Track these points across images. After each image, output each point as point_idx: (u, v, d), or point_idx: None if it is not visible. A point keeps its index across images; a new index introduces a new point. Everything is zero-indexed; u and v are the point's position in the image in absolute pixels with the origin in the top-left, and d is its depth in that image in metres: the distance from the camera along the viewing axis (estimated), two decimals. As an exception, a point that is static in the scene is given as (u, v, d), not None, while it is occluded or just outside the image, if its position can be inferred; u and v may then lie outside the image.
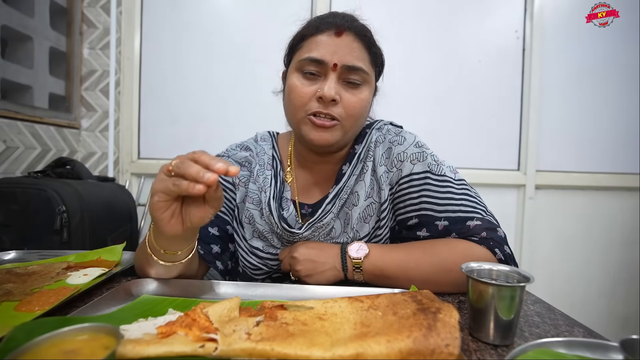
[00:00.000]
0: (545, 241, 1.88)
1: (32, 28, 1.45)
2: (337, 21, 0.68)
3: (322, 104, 0.67)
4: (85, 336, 0.36)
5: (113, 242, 1.27)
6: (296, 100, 0.69)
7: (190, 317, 0.43)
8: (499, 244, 0.64)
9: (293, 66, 0.71)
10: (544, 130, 1.83)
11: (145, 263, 0.61)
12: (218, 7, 1.81)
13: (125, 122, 1.81)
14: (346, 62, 0.67)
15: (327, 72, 0.67)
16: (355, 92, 0.69)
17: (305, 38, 0.70)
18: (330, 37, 0.67)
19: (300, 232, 0.71)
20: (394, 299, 0.49)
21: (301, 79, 0.69)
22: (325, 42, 0.67)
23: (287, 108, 0.73)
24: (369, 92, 0.71)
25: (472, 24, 1.82)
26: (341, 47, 0.67)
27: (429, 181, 0.69)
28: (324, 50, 0.67)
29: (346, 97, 0.68)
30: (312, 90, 0.68)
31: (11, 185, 1.13)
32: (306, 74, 0.69)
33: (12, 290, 0.57)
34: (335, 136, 0.69)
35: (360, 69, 0.68)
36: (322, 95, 0.66)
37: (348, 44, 0.67)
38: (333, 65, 0.66)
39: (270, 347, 0.37)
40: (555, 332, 0.49)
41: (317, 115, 0.68)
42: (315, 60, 0.67)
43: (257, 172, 0.77)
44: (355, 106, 0.68)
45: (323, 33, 0.68)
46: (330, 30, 0.68)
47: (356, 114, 0.69)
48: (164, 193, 0.50)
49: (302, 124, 0.70)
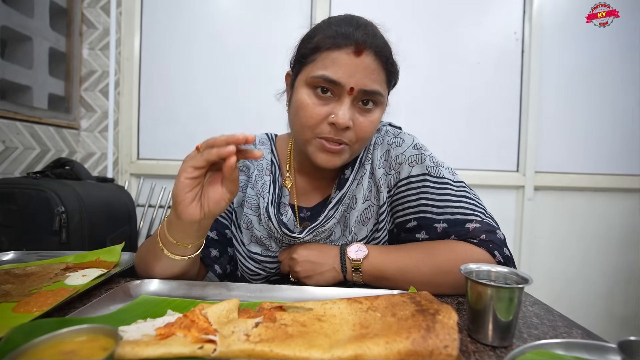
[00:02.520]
0: (544, 242, 1.88)
1: (32, 28, 1.45)
2: (357, 36, 0.62)
3: (334, 130, 0.64)
4: (84, 337, 0.36)
5: (112, 242, 1.26)
6: (306, 119, 0.65)
7: (189, 318, 0.43)
8: (498, 246, 0.64)
9: (303, 79, 0.66)
10: (543, 131, 1.84)
11: (152, 257, 0.61)
12: (218, 8, 1.82)
13: (125, 123, 1.81)
14: (364, 87, 0.63)
15: (342, 94, 0.63)
16: (369, 115, 0.66)
17: (319, 50, 0.64)
18: (349, 56, 0.62)
19: (301, 236, 0.70)
20: (393, 300, 0.49)
21: (312, 97, 0.64)
22: (343, 61, 0.62)
23: (294, 122, 0.69)
24: (380, 112, 0.68)
25: (471, 26, 1.82)
26: (359, 69, 0.62)
27: (428, 183, 0.69)
28: (341, 72, 0.62)
29: (359, 121, 0.65)
30: (324, 112, 0.64)
31: (10, 185, 1.13)
32: (317, 91, 0.64)
33: (11, 291, 0.56)
34: (343, 159, 0.68)
35: (376, 93, 0.64)
36: (335, 122, 0.63)
37: (367, 65, 0.62)
38: (350, 89, 0.62)
39: (269, 348, 0.37)
40: (553, 334, 0.49)
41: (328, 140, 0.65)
42: (330, 80, 0.62)
43: (256, 177, 0.76)
44: (367, 130, 0.66)
45: (341, 50, 0.62)
46: (349, 47, 0.62)
47: (367, 137, 0.67)
48: (193, 167, 0.52)
49: (309, 145, 0.67)
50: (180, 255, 0.60)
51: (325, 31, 0.65)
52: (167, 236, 0.58)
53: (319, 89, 0.64)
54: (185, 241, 0.58)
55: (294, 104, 0.67)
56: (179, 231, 0.58)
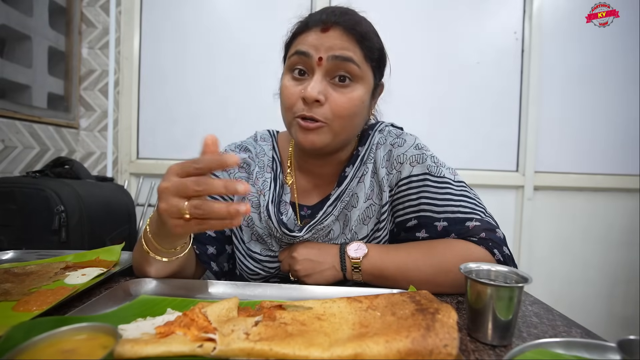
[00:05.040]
0: (543, 242, 1.88)
1: (31, 27, 1.45)
2: (324, 17, 0.65)
3: (307, 106, 0.64)
4: (84, 336, 0.36)
5: (112, 242, 1.26)
6: (284, 101, 0.67)
7: (188, 317, 0.43)
8: (498, 245, 0.64)
9: (285, 67, 0.70)
10: (542, 131, 1.84)
11: (144, 262, 0.61)
12: (217, 7, 1.82)
13: (124, 122, 1.81)
14: (332, 53, 0.63)
15: (314, 67, 0.64)
16: (345, 90, 0.65)
17: (295, 37, 0.68)
18: (317, 32, 0.64)
19: (300, 234, 0.70)
20: (393, 299, 0.49)
21: (290, 80, 0.67)
22: (311, 37, 0.65)
23: (281, 110, 0.71)
24: (362, 90, 0.66)
25: (471, 25, 1.82)
26: (328, 40, 0.64)
27: (428, 183, 0.69)
28: (308, 45, 0.64)
29: (334, 96, 0.64)
30: (299, 90, 0.65)
31: (9, 184, 1.13)
32: (294, 73, 0.66)
33: (10, 290, 0.56)
34: (324, 139, 0.66)
35: (349, 59, 0.63)
36: (304, 96, 0.63)
37: (336, 37, 0.64)
38: (318, 59, 0.63)
39: (268, 347, 0.37)
40: (553, 333, 0.49)
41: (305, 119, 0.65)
42: (299, 52, 0.64)
43: (257, 174, 0.76)
44: (344, 106, 0.64)
45: (310, 30, 0.66)
46: (317, 26, 0.65)
47: (345, 115, 0.65)
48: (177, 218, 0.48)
49: (292, 127, 0.68)
50: (169, 257, 0.58)
51: (301, 21, 0.69)
52: (153, 244, 0.56)
53: (295, 71, 0.67)
54: (173, 246, 0.57)
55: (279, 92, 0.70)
56: (166, 242, 0.56)
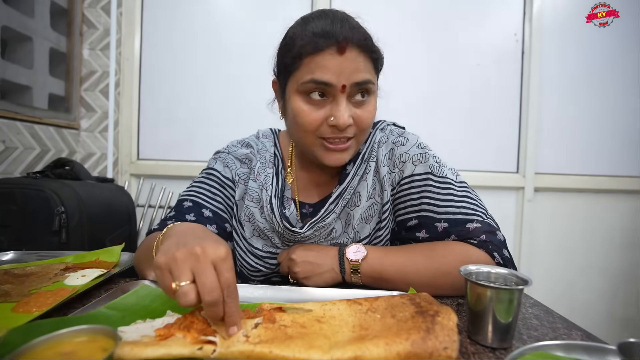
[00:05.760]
0: (544, 244, 1.88)
1: (32, 28, 1.45)
2: (337, 34, 0.61)
3: (335, 130, 0.65)
4: (83, 338, 0.36)
5: (112, 243, 1.26)
6: (305, 126, 0.65)
7: (188, 319, 0.43)
8: (497, 248, 0.64)
9: (293, 88, 0.65)
10: (543, 132, 1.84)
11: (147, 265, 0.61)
12: (218, 8, 1.82)
13: (125, 123, 1.81)
14: (354, 80, 0.63)
15: (336, 94, 0.63)
16: (365, 105, 0.66)
17: (303, 56, 0.63)
18: (333, 56, 0.61)
19: (301, 231, 0.70)
20: (393, 301, 0.49)
21: (307, 104, 0.65)
22: (328, 62, 0.61)
23: (295, 130, 0.69)
24: (374, 99, 0.69)
25: (471, 27, 1.82)
26: (346, 65, 0.62)
27: (430, 182, 0.69)
28: (329, 73, 0.61)
29: (358, 114, 0.65)
30: (322, 115, 0.64)
31: (10, 185, 1.13)
32: (311, 97, 0.64)
33: (10, 291, 0.56)
34: (351, 153, 0.69)
35: (368, 82, 0.65)
36: (336, 125, 0.63)
37: (353, 59, 0.62)
38: (342, 87, 0.62)
39: (268, 349, 0.37)
40: (553, 335, 0.49)
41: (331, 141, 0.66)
42: (320, 82, 0.62)
43: (258, 169, 0.77)
44: (367, 121, 0.67)
45: (324, 52, 0.61)
46: (331, 47, 0.61)
47: (367, 126, 0.68)
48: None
49: (314, 147, 0.68)
50: None
51: (303, 35, 0.63)
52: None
53: (311, 93, 0.64)
54: None
55: (291, 113, 0.67)
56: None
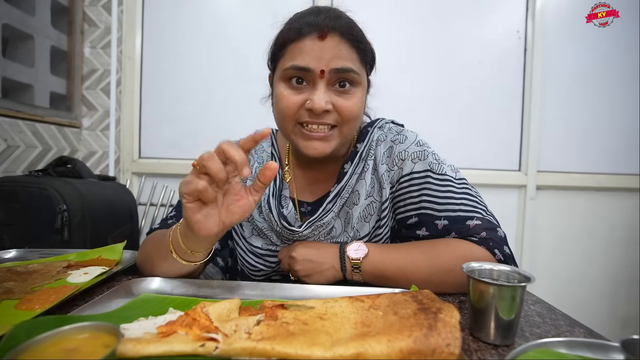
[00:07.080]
0: (546, 242, 1.88)
1: (33, 27, 1.45)
2: (320, 22, 0.63)
3: (313, 115, 0.64)
4: (86, 335, 0.36)
5: (114, 241, 1.26)
6: (284, 110, 0.66)
7: (190, 316, 0.43)
8: (498, 245, 0.64)
9: (278, 75, 0.67)
10: (545, 130, 1.83)
11: (159, 258, 0.61)
12: (219, 7, 1.81)
13: (126, 121, 1.81)
14: (334, 66, 0.63)
15: (315, 79, 0.64)
16: (347, 95, 0.65)
17: (287, 44, 0.65)
18: (314, 41, 0.62)
19: (300, 230, 0.70)
20: (395, 298, 0.49)
21: (287, 89, 0.66)
22: (309, 47, 0.63)
23: (277, 119, 0.70)
24: (362, 92, 0.68)
25: (474, 25, 1.81)
26: (326, 50, 0.62)
27: (430, 180, 0.69)
28: (308, 57, 0.62)
29: (339, 102, 0.65)
30: (300, 99, 0.65)
31: (12, 184, 1.13)
32: (292, 82, 0.65)
33: (13, 288, 0.57)
34: (333, 144, 0.67)
35: (350, 70, 0.64)
36: (311, 108, 0.63)
37: (334, 46, 0.63)
38: (320, 72, 0.62)
39: (270, 346, 0.37)
40: (556, 332, 0.49)
41: (308, 125, 0.65)
42: (300, 68, 0.63)
43: (256, 169, 0.77)
44: (350, 110, 0.65)
45: (305, 37, 0.63)
46: (312, 33, 0.63)
47: (352, 118, 0.66)
48: (187, 194, 0.50)
49: (293, 135, 0.68)
50: (191, 261, 0.59)
51: (290, 25, 0.66)
52: (180, 244, 0.57)
53: (292, 80, 0.65)
54: (199, 250, 0.57)
55: (274, 100, 0.69)
56: (194, 243, 0.56)
